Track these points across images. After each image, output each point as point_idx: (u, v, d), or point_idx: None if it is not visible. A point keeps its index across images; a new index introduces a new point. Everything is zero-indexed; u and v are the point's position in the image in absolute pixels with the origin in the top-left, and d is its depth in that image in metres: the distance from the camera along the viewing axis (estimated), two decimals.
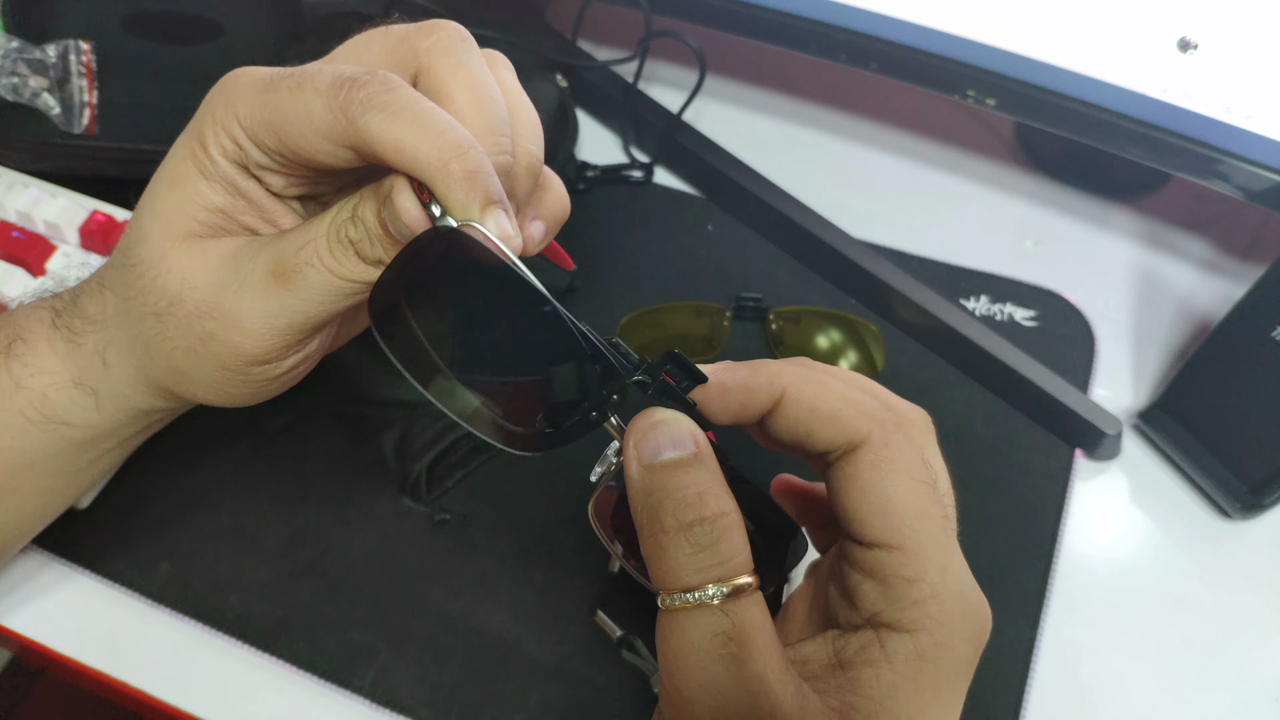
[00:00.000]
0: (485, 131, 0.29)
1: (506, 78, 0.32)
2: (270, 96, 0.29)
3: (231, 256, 0.31)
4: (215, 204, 0.31)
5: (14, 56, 0.56)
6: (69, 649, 0.44)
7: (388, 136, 0.27)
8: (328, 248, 0.30)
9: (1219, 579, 0.47)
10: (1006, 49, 0.52)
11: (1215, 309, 0.57)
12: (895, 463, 0.27)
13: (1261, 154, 0.48)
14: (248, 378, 0.32)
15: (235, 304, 0.30)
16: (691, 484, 0.26)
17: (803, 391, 0.28)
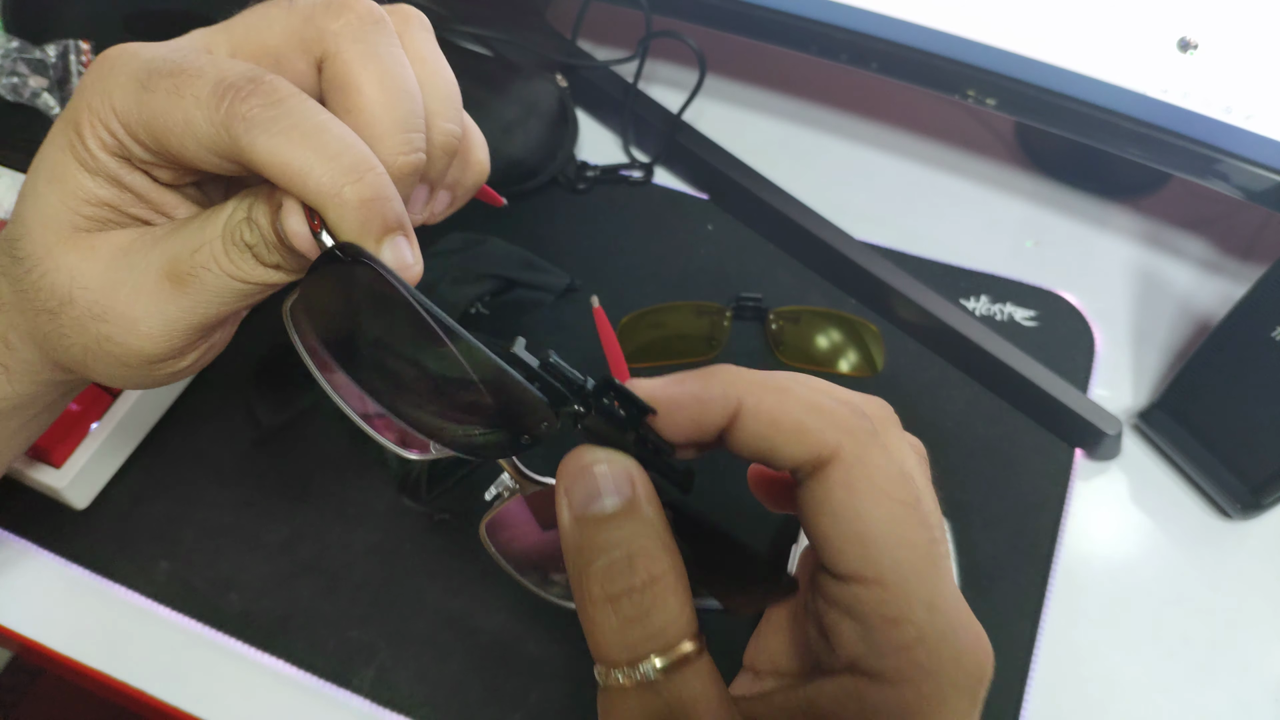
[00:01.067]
0: (396, 129, 0.27)
1: (422, 45, 0.29)
2: (147, 98, 0.26)
3: (123, 253, 0.29)
4: (100, 197, 0.28)
5: (14, 56, 0.56)
6: (68, 648, 0.44)
7: (274, 158, 0.25)
8: (224, 250, 0.28)
9: (1219, 579, 0.47)
10: (1007, 49, 0.52)
11: (1215, 309, 0.57)
12: (871, 480, 0.23)
13: (1261, 154, 0.48)
14: (149, 374, 0.31)
15: (130, 308, 0.28)
16: (621, 542, 0.23)
17: (761, 402, 0.24)
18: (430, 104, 0.28)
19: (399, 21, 0.29)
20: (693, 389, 0.24)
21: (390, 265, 0.25)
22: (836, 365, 0.53)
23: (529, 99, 0.58)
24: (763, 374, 0.25)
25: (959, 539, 0.46)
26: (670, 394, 0.24)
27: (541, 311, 0.55)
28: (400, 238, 0.26)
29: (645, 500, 0.24)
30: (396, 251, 0.26)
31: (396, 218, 0.26)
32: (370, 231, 0.26)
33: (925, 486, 0.25)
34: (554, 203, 0.61)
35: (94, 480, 0.47)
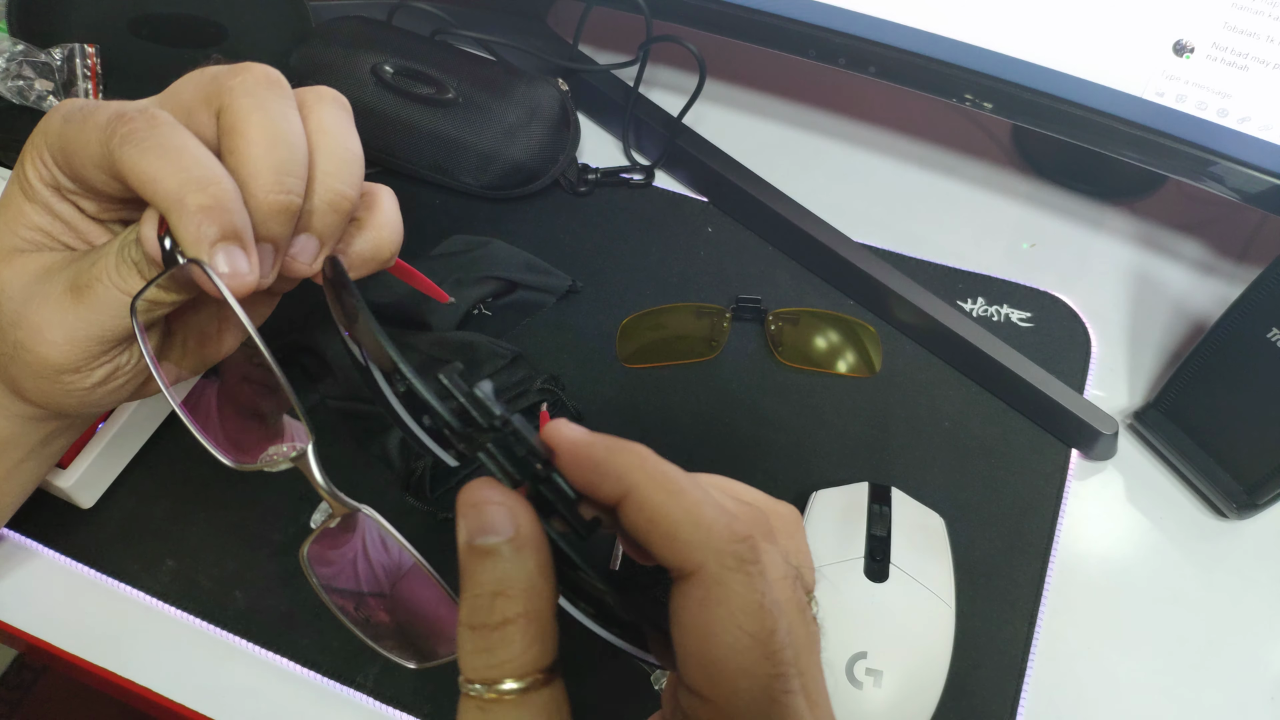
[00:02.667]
0: (269, 170, 0.30)
1: (327, 118, 0.32)
2: (64, 129, 0.31)
3: (44, 270, 0.32)
4: (36, 224, 0.33)
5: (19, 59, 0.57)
6: (73, 646, 0.44)
7: (135, 168, 0.28)
8: (115, 265, 0.31)
9: (1215, 578, 0.48)
10: (1003, 53, 0.52)
11: (1211, 310, 0.57)
12: (726, 606, 0.24)
13: (1256, 157, 0.49)
14: (62, 386, 0.33)
15: (38, 315, 0.32)
16: (492, 581, 0.25)
17: (648, 497, 0.25)
18: (322, 163, 0.32)
19: (311, 95, 0.33)
20: (594, 455, 0.25)
21: (223, 270, 0.28)
22: (835, 366, 0.54)
23: (531, 103, 0.59)
24: (670, 471, 0.25)
25: (956, 538, 0.46)
26: (573, 449, 0.25)
27: (543, 313, 0.56)
28: (235, 247, 0.29)
29: (523, 544, 0.25)
30: (230, 258, 0.29)
31: (235, 229, 0.29)
32: (206, 236, 0.28)
33: (794, 612, 0.26)
34: (555, 205, 0.61)
35: (100, 479, 0.47)
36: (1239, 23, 0.46)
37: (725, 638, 0.24)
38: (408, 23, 0.64)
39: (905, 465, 0.50)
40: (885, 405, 0.52)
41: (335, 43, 0.60)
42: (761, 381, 0.53)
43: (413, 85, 0.59)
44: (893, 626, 0.40)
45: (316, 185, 0.31)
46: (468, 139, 0.58)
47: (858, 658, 0.39)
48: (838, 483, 0.47)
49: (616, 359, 0.54)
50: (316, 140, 0.32)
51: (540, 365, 0.53)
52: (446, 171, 0.60)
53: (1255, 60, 0.46)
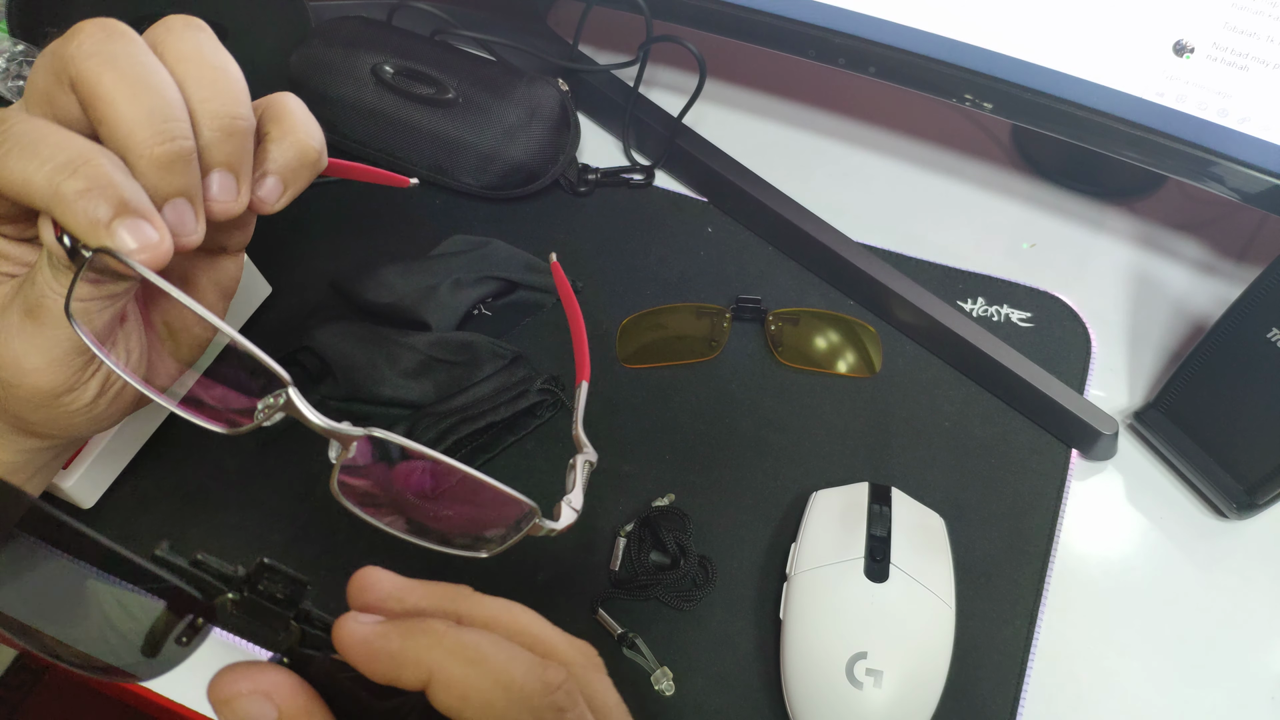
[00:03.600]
0: (142, 123, 0.27)
1: (185, 45, 0.30)
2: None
3: (6, 305, 0.31)
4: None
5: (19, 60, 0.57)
6: None
7: (4, 179, 0.26)
8: (51, 276, 0.29)
9: (1215, 578, 0.48)
10: (1003, 53, 0.52)
11: (1211, 311, 0.57)
12: None
13: (1257, 157, 0.49)
14: (64, 409, 0.33)
15: (8, 350, 0.30)
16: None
17: (452, 674, 0.24)
18: (196, 92, 0.29)
19: (160, 30, 0.30)
20: (391, 647, 0.24)
21: (131, 247, 0.27)
22: (835, 366, 0.54)
23: (531, 103, 0.59)
24: (469, 641, 0.24)
25: (956, 538, 0.46)
26: (366, 647, 0.24)
27: (543, 313, 0.56)
28: (134, 219, 0.27)
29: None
30: (134, 232, 0.27)
31: (123, 202, 0.27)
32: (97, 220, 0.26)
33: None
34: (556, 206, 0.61)
35: (100, 480, 0.47)
36: (1239, 23, 0.46)
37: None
38: (408, 23, 0.64)
39: (905, 465, 0.50)
40: (885, 405, 0.52)
41: (335, 43, 0.60)
42: (761, 381, 0.53)
43: (413, 85, 0.59)
44: (893, 626, 0.40)
45: (199, 115, 0.29)
46: (468, 139, 0.58)
47: (858, 658, 0.39)
48: (838, 483, 0.47)
49: (616, 359, 0.54)
50: (181, 71, 0.29)
51: (540, 365, 0.53)
52: (446, 171, 0.60)
53: (1255, 60, 0.46)
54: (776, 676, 0.42)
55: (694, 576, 0.46)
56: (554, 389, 0.51)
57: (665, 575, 0.45)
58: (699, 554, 0.46)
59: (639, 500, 0.48)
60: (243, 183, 0.31)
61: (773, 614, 0.44)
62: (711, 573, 0.46)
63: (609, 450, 0.50)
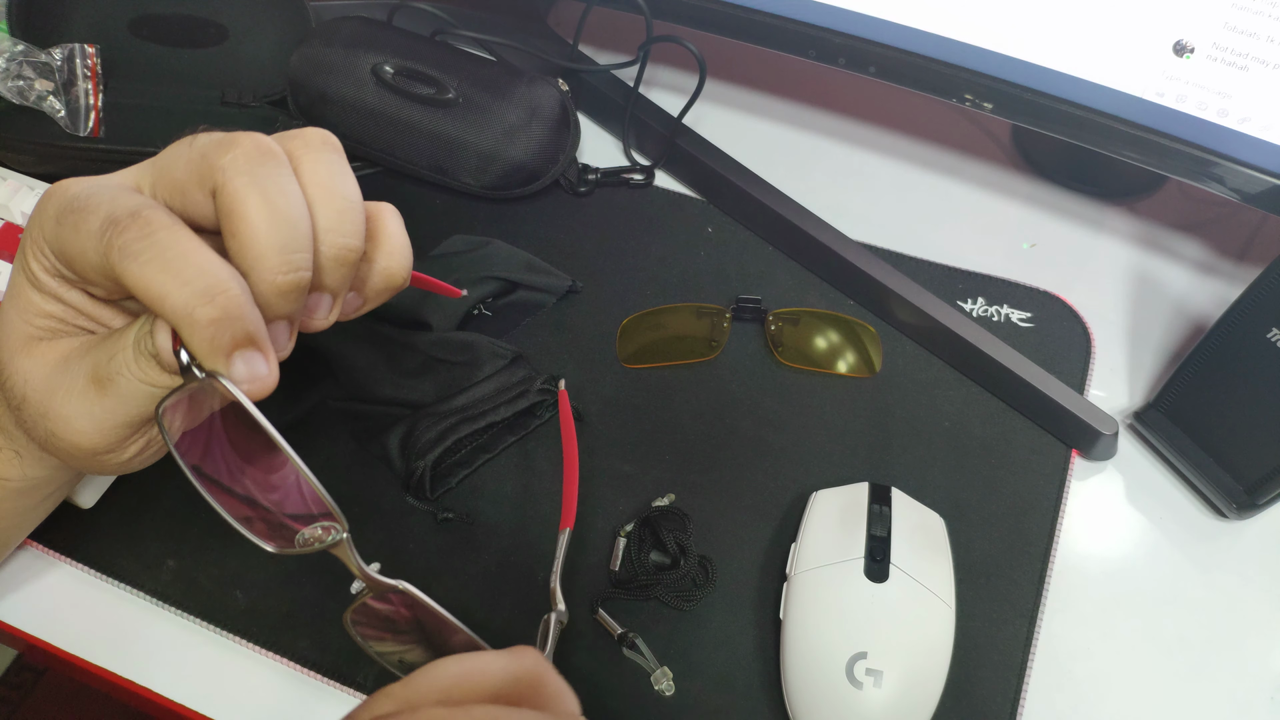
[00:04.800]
0: (274, 251, 0.29)
1: (321, 171, 0.32)
2: (59, 231, 0.30)
3: (63, 360, 0.32)
4: (47, 311, 0.32)
5: (20, 59, 0.57)
6: (73, 646, 0.44)
7: (139, 284, 0.28)
8: (133, 358, 0.31)
9: (1215, 578, 0.48)
10: (1003, 53, 0.52)
11: (1211, 311, 0.57)
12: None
13: (1257, 157, 0.49)
14: (99, 464, 0.34)
15: (64, 407, 0.32)
16: None
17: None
18: (322, 221, 0.31)
19: (299, 146, 0.32)
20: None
21: (241, 377, 0.29)
22: (835, 366, 0.54)
23: (531, 103, 0.59)
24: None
25: (956, 538, 0.46)
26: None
27: (543, 313, 0.56)
28: (252, 352, 0.29)
29: None
30: (248, 365, 0.29)
31: (247, 335, 0.29)
32: (219, 348, 0.28)
33: None
34: (556, 205, 0.61)
35: (100, 479, 0.47)
36: (1239, 23, 0.46)
37: None
38: (408, 23, 0.65)
39: (905, 465, 0.50)
40: (885, 405, 0.52)
41: (335, 43, 0.60)
42: (761, 381, 0.53)
43: (413, 85, 0.59)
44: (893, 627, 0.40)
45: (321, 243, 0.31)
46: (468, 139, 0.58)
47: (858, 658, 0.39)
48: (838, 483, 0.48)
49: (616, 359, 0.54)
50: (314, 195, 0.31)
51: (540, 365, 0.53)
52: (446, 171, 0.60)
53: (1255, 60, 0.46)
54: (776, 676, 0.42)
55: (694, 576, 0.46)
56: (554, 389, 0.51)
57: (665, 575, 0.45)
58: (699, 554, 0.46)
59: (639, 500, 0.49)
60: (337, 304, 0.33)
61: (773, 614, 0.44)
62: (711, 573, 0.46)
63: (609, 450, 0.50)
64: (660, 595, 0.45)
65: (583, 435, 0.51)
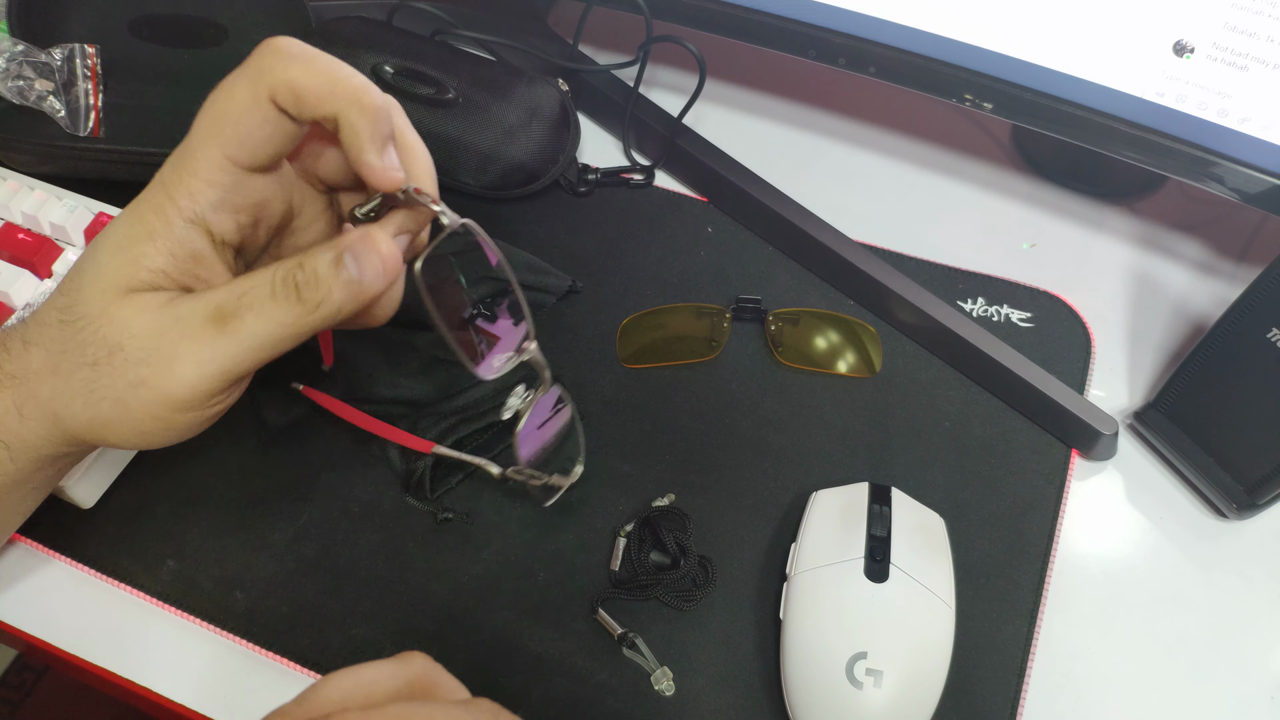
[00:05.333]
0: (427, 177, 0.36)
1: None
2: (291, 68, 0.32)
3: (170, 304, 0.33)
4: (158, 265, 0.33)
5: (20, 60, 0.57)
6: (73, 646, 0.44)
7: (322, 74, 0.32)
8: (270, 292, 0.32)
9: (1215, 578, 0.48)
10: (1003, 53, 0.52)
11: (1211, 311, 0.57)
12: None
13: (1257, 157, 0.49)
14: (170, 425, 0.34)
15: (173, 348, 0.32)
16: None
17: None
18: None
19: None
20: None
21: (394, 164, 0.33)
22: (835, 366, 0.54)
23: (531, 103, 0.59)
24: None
25: (956, 538, 0.46)
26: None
27: (543, 313, 0.56)
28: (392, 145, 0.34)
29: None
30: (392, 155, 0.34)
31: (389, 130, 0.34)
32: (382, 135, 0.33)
33: None
34: (556, 205, 0.61)
35: (100, 479, 0.47)
36: (1239, 23, 0.46)
37: None
38: (408, 23, 0.64)
39: (905, 465, 0.50)
40: (885, 405, 0.52)
41: (335, 43, 0.60)
42: (761, 381, 0.53)
43: (413, 85, 0.59)
44: (893, 626, 0.40)
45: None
46: (468, 139, 0.58)
47: (858, 658, 0.39)
48: (838, 483, 0.48)
49: (616, 359, 0.54)
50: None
51: None
52: (446, 171, 0.60)
53: (1255, 60, 0.46)
54: (776, 676, 0.42)
55: (694, 576, 0.46)
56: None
57: (665, 575, 0.45)
58: (699, 554, 0.46)
59: (639, 500, 0.49)
60: None
61: (773, 614, 0.44)
62: (711, 573, 0.46)
63: (609, 450, 0.50)
64: (660, 595, 0.45)
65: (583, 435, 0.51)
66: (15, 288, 0.51)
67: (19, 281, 0.51)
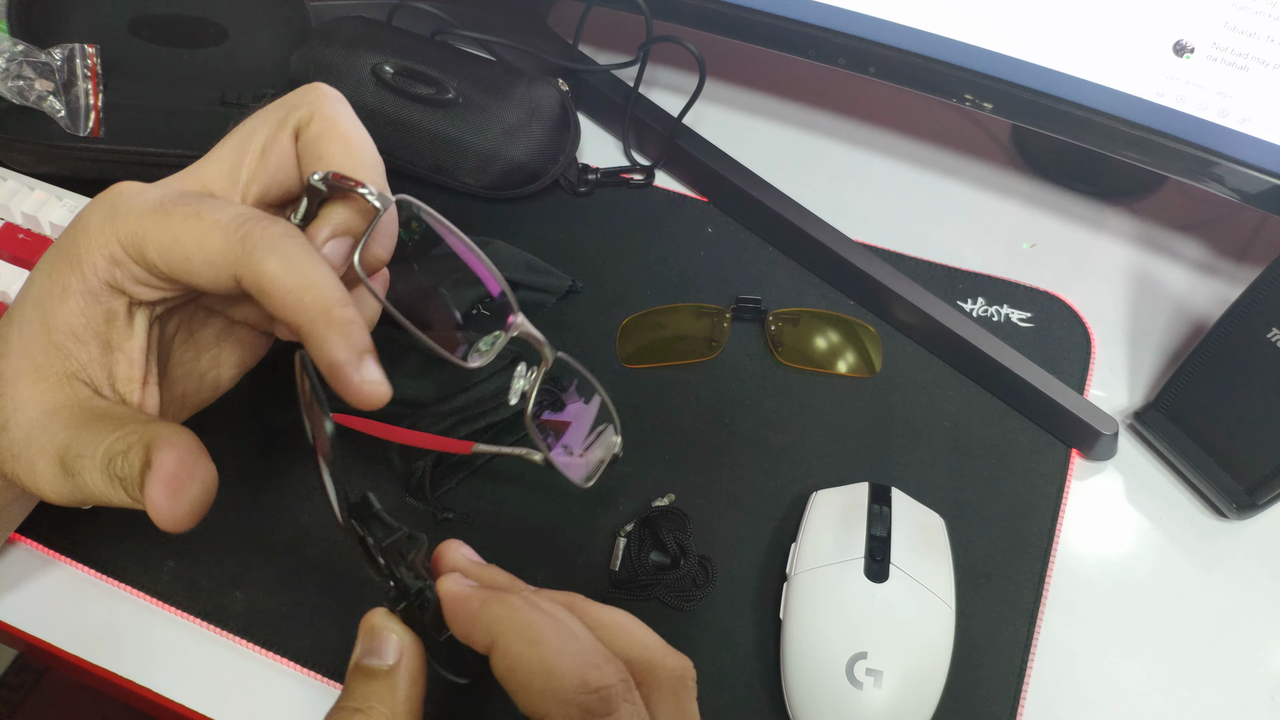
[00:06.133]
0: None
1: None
2: (163, 220, 0.30)
3: (52, 414, 0.32)
4: (70, 327, 0.32)
5: (19, 60, 0.57)
6: (73, 646, 0.44)
7: (277, 276, 0.29)
8: (100, 469, 0.31)
9: (1215, 578, 0.48)
10: (1003, 53, 0.52)
11: (1211, 311, 0.57)
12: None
13: (1257, 157, 0.49)
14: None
15: (33, 464, 0.32)
16: (362, 698, 0.28)
17: (509, 648, 0.27)
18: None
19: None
20: (471, 608, 0.28)
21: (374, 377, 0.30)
22: (835, 366, 0.54)
23: (531, 103, 0.59)
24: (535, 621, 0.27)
25: (956, 538, 0.46)
26: (451, 602, 0.29)
27: (543, 313, 0.56)
28: (370, 358, 0.31)
29: (403, 673, 0.28)
30: (371, 370, 0.31)
31: (367, 343, 0.31)
32: (354, 349, 0.30)
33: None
34: (556, 205, 0.61)
35: None
36: (1239, 23, 0.46)
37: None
38: (408, 23, 0.65)
39: (905, 465, 0.50)
40: (885, 405, 0.52)
41: (335, 43, 0.60)
42: (761, 381, 0.53)
43: (413, 85, 0.59)
44: (893, 626, 0.40)
45: None
46: (468, 139, 0.58)
47: (858, 658, 0.39)
48: (838, 483, 0.48)
49: (616, 359, 0.54)
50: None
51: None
52: (446, 171, 0.60)
53: (1255, 60, 0.46)
54: (776, 676, 0.42)
55: (694, 576, 0.46)
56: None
57: (665, 575, 0.45)
58: (699, 554, 0.46)
59: (639, 500, 0.49)
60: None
61: (773, 614, 0.44)
62: (711, 573, 0.46)
63: None
64: (660, 595, 0.45)
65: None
66: (15, 288, 0.51)
67: (19, 282, 0.51)
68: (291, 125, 0.34)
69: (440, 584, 0.29)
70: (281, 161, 0.34)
